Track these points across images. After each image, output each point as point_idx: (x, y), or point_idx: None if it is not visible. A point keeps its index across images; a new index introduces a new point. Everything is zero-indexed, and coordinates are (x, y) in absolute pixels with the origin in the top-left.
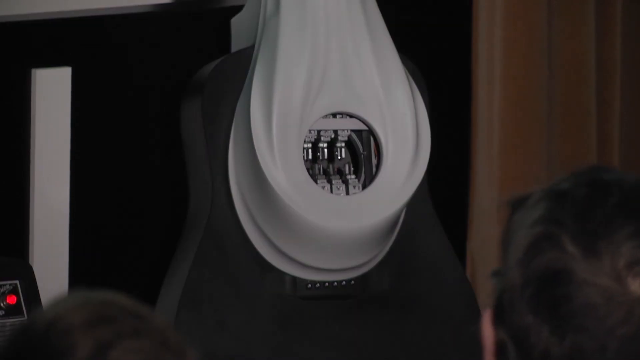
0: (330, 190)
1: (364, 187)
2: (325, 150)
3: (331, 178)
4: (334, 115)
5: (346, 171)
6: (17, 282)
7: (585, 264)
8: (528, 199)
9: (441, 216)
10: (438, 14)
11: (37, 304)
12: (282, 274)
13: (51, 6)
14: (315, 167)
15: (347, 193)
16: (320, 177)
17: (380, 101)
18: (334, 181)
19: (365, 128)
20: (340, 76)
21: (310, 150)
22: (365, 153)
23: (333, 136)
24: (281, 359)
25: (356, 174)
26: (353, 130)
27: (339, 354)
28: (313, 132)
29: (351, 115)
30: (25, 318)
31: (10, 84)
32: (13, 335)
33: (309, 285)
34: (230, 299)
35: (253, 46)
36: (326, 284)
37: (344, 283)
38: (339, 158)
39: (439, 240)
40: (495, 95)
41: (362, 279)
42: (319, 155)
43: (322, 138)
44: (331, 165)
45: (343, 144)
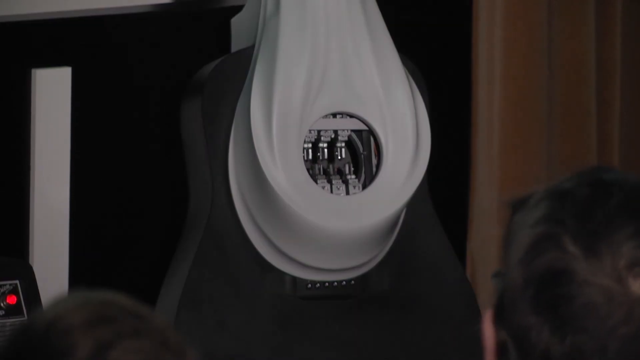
0: (330, 190)
1: (364, 187)
2: (326, 150)
3: (331, 178)
4: (334, 115)
5: (346, 171)
6: (17, 282)
7: (586, 264)
8: (529, 199)
9: (441, 216)
10: (438, 14)
11: (37, 304)
12: (282, 274)
13: (51, 6)
14: (316, 167)
15: (347, 193)
16: (320, 177)
17: (380, 101)
18: (334, 181)
19: (365, 128)
20: (340, 76)
21: (310, 150)
22: (365, 153)
23: (333, 136)
24: (281, 359)
25: (356, 174)
26: (353, 130)
27: (339, 354)
28: (313, 132)
29: (351, 115)
30: (25, 318)
31: (10, 84)
32: (13, 335)
33: (309, 285)
34: (230, 299)
35: (253, 46)
36: (326, 284)
37: (344, 283)
38: (339, 158)
39: (439, 240)
40: (495, 95)
41: (362, 279)
42: (319, 155)
43: (322, 138)
44: (331, 165)
45: (343, 144)
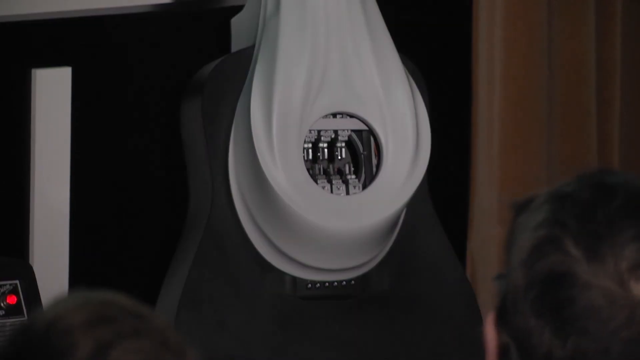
0: (331, 190)
1: (364, 187)
2: (326, 150)
3: (331, 178)
4: (334, 115)
5: (346, 171)
6: (17, 282)
7: (588, 266)
8: (532, 201)
9: (441, 216)
10: (438, 14)
11: (37, 304)
12: (282, 274)
13: (51, 6)
14: (316, 167)
15: (347, 193)
16: (321, 177)
17: (380, 101)
18: (334, 181)
19: (365, 128)
20: (340, 76)
21: (310, 150)
22: (365, 153)
23: (333, 136)
24: (281, 359)
25: (356, 174)
26: (353, 130)
27: (339, 354)
28: (313, 132)
29: (351, 115)
30: (26, 318)
31: (10, 84)
32: (13, 335)
33: (309, 285)
34: (230, 299)
35: (253, 46)
36: (326, 284)
37: (344, 283)
38: (339, 158)
39: (439, 240)
40: (495, 95)
41: (362, 279)
42: (319, 155)
43: (322, 138)
44: (331, 165)
45: (343, 144)
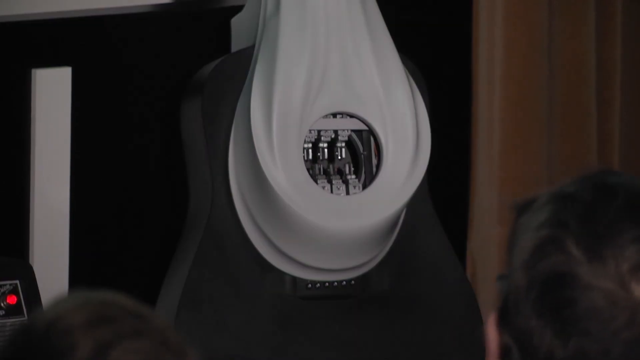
0: (331, 190)
1: (364, 187)
2: (326, 150)
3: (331, 178)
4: (334, 115)
5: (346, 171)
6: (17, 282)
7: (589, 267)
8: (534, 202)
9: (441, 216)
10: (438, 14)
11: (37, 304)
12: (282, 274)
13: (51, 6)
14: (316, 167)
15: (347, 193)
16: (321, 177)
17: (380, 101)
18: (334, 181)
19: (365, 128)
20: (340, 76)
21: (310, 150)
22: (365, 153)
23: (333, 136)
24: (281, 359)
25: (356, 174)
26: (353, 130)
27: (339, 354)
28: (313, 132)
29: (351, 115)
30: (26, 318)
31: (10, 84)
32: (13, 335)
33: (309, 285)
34: (230, 299)
35: (253, 46)
36: (326, 284)
37: (344, 283)
38: (339, 158)
39: (439, 240)
40: (495, 95)
41: (362, 279)
42: (319, 155)
43: (322, 138)
44: (331, 165)
45: (343, 144)
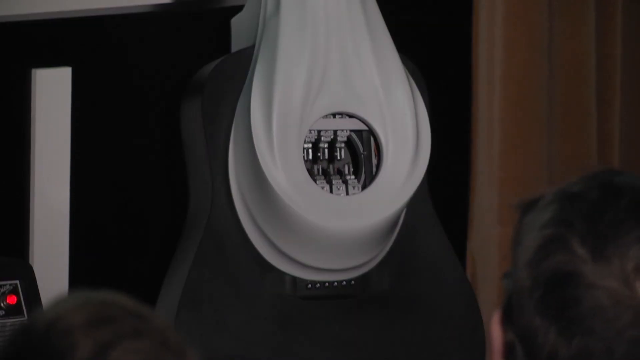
0: (330, 191)
1: (364, 187)
2: (326, 150)
3: (331, 178)
4: (334, 115)
5: (346, 171)
6: (17, 282)
7: (593, 266)
8: (538, 201)
9: (441, 216)
10: (438, 14)
11: (37, 304)
12: (282, 274)
13: (51, 6)
14: (315, 167)
15: (347, 193)
16: (320, 177)
17: (380, 101)
18: (334, 181)
19: (365, 128)
20: (340, 76)
21: (310, 150)
22: (365, 153)
23: (333, 136)
24: (281, 359)
25: (356, 174)
26: (353, 130)
27: (339, 354)
28: (313, 132)
29: (351, 115)
30: (26, 318)
31: (10, 84)
32: (13, 335)
33: (309, 285)
34: (230, 299)
35: (253, 46)
36: (326, 284)
37: (344, 283)
38: (338, 158)
39: (439, 240)
40: (495, 95)
41: (362, 279)
42: (319, 155)
43: (322, 138)
44: (331, 165)
45: (343, 144)
